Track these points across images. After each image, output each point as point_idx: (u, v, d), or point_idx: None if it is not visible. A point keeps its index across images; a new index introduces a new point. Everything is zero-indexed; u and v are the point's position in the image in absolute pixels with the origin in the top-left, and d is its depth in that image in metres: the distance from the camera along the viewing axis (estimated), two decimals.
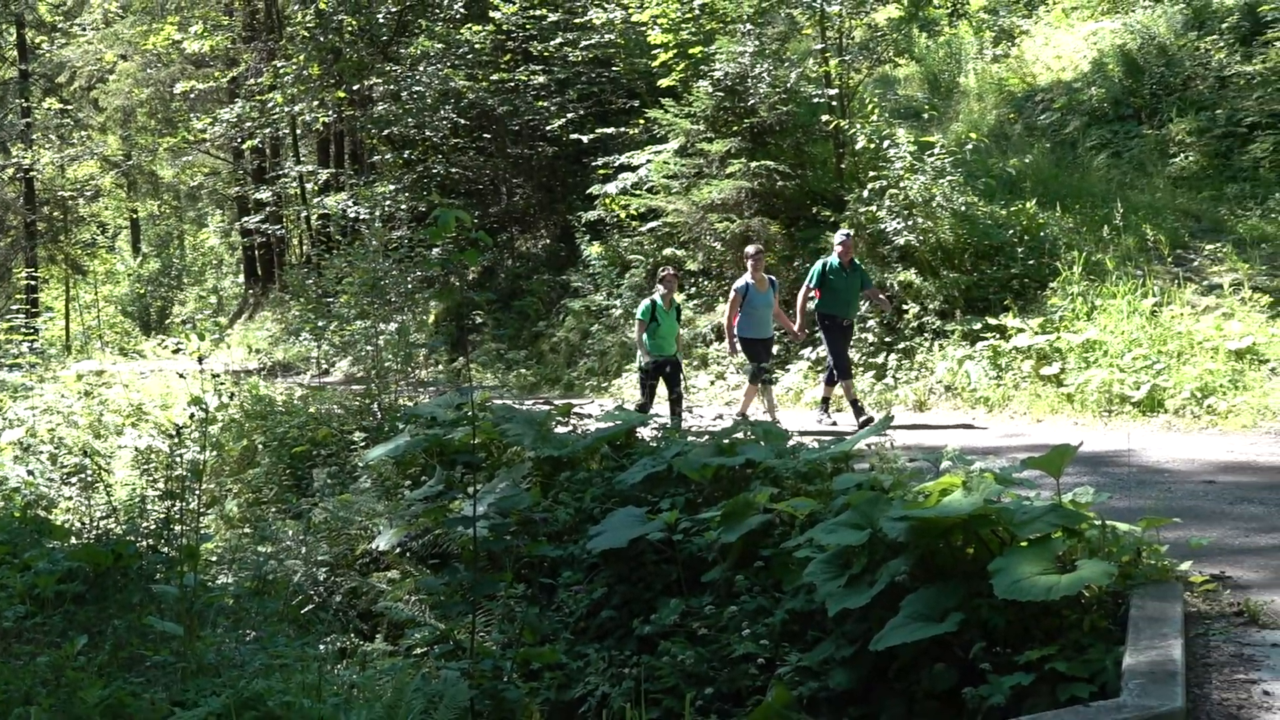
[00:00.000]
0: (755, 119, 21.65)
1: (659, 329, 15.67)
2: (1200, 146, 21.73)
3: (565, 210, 27.21)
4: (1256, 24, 22.73)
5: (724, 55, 21.73)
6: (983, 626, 6.81)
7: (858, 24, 22.71)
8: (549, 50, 26.69)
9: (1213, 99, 22.57)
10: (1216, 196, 20.39)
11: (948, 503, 7.44)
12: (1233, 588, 7.87)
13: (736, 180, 20.87)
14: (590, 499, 11.03)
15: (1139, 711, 5.64)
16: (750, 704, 7.68)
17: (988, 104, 26.83)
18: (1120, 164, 22.41)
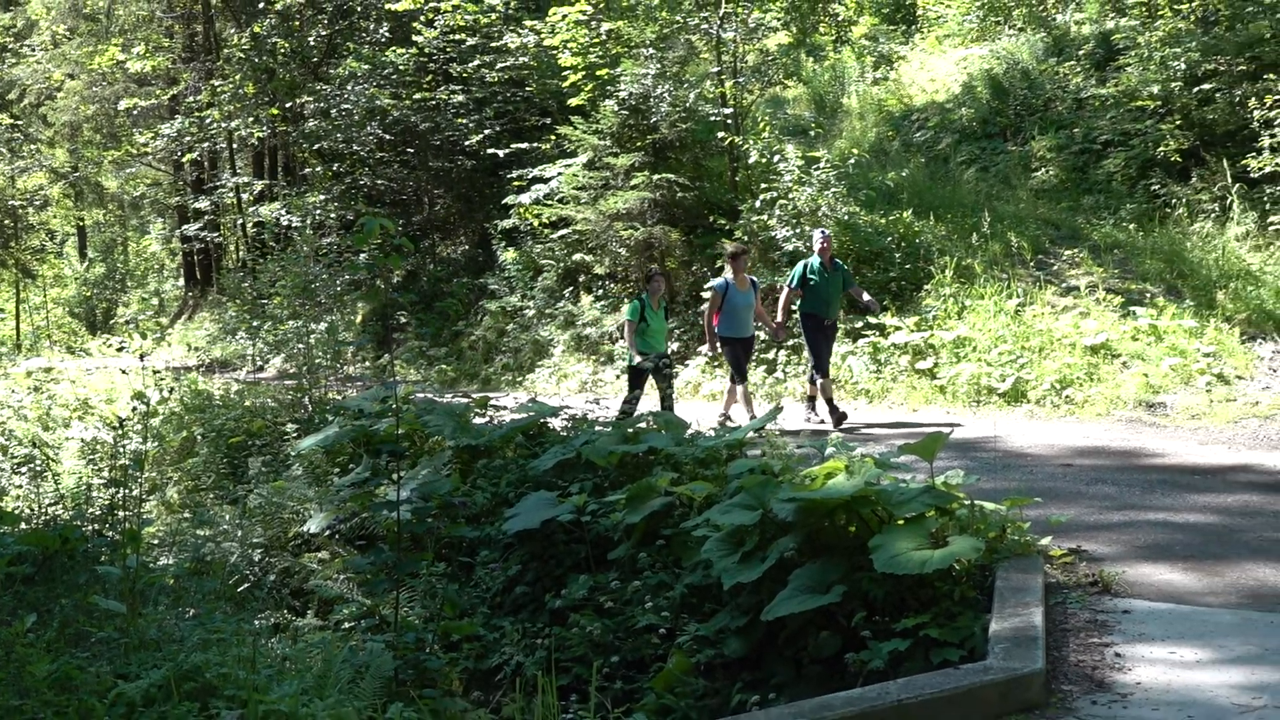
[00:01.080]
0: (657, 135, 21.68)
1: (648, 328, 14.64)
2: (1059, 162, 22.00)
3: (483, 219, 27.09)
4: (1110, 51, 23.05)
5: (628, 77, 21.73)
6: (864, 597, 6.84)
7: (750, 49, 22.77)
8: (467, 72, 26.57)
9: (1070, 119, 22.86)
10: (1074, 207, 20.65)
11: (832, 485, 7.48)
12: (1088, 560, 7.98)
13: (640, 191, 20.87)
14: (506, 484, 11.01)
15: (1003, 673, 5.70)
16: (653, 670, 7.68)
17: (868, 123, 27.00)
18: (988, 177, 22.65)
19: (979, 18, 29.05)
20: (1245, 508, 9.50)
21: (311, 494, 11.78)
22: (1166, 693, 5.72)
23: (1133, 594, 7.24)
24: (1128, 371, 15.11)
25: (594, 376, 20.86)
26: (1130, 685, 5.84)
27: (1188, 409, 14.15)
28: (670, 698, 7.17)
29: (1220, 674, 5.91)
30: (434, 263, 29.21)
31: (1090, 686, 5.85)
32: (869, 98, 28.07)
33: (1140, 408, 14.39)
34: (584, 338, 21.73)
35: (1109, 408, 14.52)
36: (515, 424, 12.30)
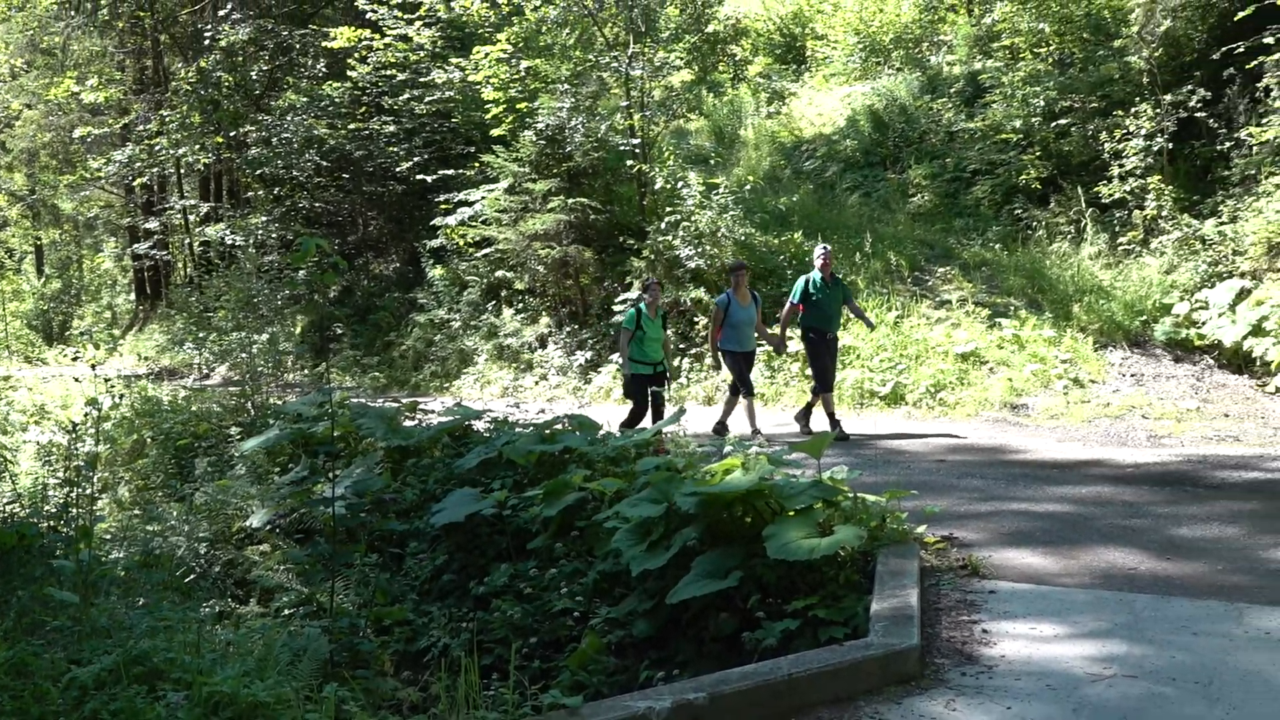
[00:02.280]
0: (572, 163, 21.65)
1: (645, 337, 13.38)
2: (933, 189, 22.25)
3: (413, 238, 26.92)
4: (977, 89, 23.36)
5: (546, 110, 21.70)
6: (758, 582, 6.88)
7: (656, 86, 22.84)
8: (398, 104, 26.38)
9: (943, 150, 23.15)
10: (946, 229, 20.89)
11: (730, 481, 7.52)
12: (959, 546, 8.08)
13: (556, 214, 20.83)
14: (433, 481, 10.94)
15: (883, 648, 5.76)
16: (568, 650, 7.67)
17: (763, 152, 27.13)
18: (869, 202, 22.85)
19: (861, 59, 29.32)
20: (1097, 498, 9.67)
21: (254, 491, 11.62)
22: (1028, 664, 5.81)
23: (998, 576, 7.34)
24: (994, 376, 15.33)
25: (514, 383, 20.79)
26: (996, 658, 5.92)
27: (1047, 410, 14.38)
28: (584, 675, 7.16)
29: (1075, 647, 6.02)
30: (368, 279, 28.99)
31: (960, 659, 5.93)
32: (763, 130, 28.23)
33: (1005, 409, 14.59)
34: (505, 347, 21.67)
35: (978, 409, 14.72)
36: (442, 426, 12.22)
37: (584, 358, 20.19)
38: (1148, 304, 16.49)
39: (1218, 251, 16.46)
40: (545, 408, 15.17)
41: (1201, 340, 15.68)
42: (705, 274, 19.11)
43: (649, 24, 23.92)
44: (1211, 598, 6.74)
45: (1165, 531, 8.38)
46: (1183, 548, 7.91)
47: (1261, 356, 14.63)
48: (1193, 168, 18.61)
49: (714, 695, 5.34)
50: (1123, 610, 6.56)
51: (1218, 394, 14.50)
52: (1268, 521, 8.58)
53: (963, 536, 8.37)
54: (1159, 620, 6.37)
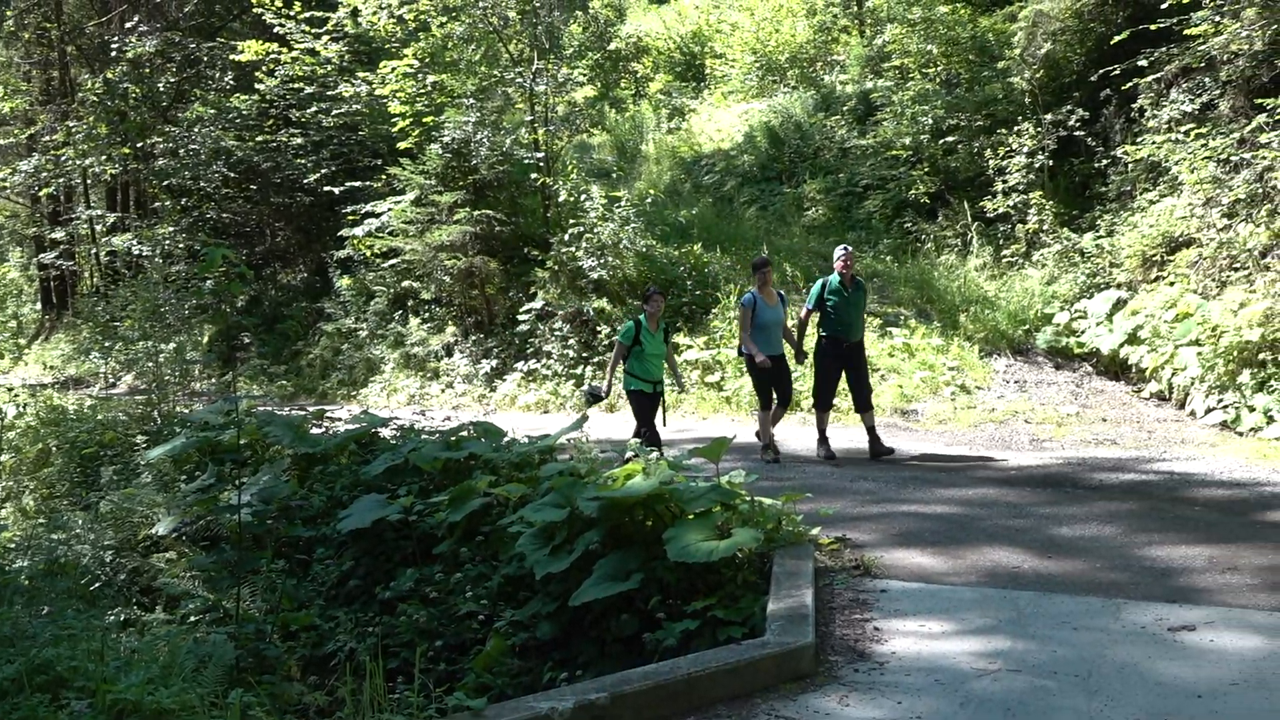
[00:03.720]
0: (477, 176, 21.54)
1: (643, 352, 11.84)
2: (827, 202, 22.48)
3: (320, 249, 26.64)
4: (869, 107, 23.65)
5: (452, 124, 21.58)
6: (659, 584, 6.88)
7: (560, 101, 22.84)
8: (306, 117, 26.07)
9: (836, 165, 23.41)
10: (840, 241, 21.06)
11: (631, 485, 7.51)
12: (852, 547, 8.15)
13: (462, 225, 20.71)
14: (340, 488, 10.80)
15: (779, 647, 5.78)
16: (473, 653, 7.61)
17: (664, 166, 27.24)
18: (766, 215, 23.02)
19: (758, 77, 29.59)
20: (983, 499, 9.81)
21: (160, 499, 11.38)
22: (917, 660, 5.87)
23: (889, 575, 7.41)
24: (885, 383, 15.49)
25: (421, 391, 20.63)
26: (887, 654, 5.97)
27: (936, 415, 14.57)
28: (489, 676, 7.11)
29: (962, 643, 6.09)
30: (275, 289, 28.60)
31: (853, 656, 5.97)
32: (664, 145, 28.35)
33: (896, 414, 14.76)
34: (412, 356, 21.51)
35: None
36: (349, 433, 12.08)
37: (489, 366, 20.09)
38: (1030, 314, 16.79)
39: (1095, 264, 16.81)
40: (451, 415, 15.05)
41: (1081, 348, 15.99)
42: (608, 284, 19.11)
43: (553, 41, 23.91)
44: (1091, 594, 6.86)
45: (1047, 531, 8.53)
46: (1064, 546, 8.05)
47: (1136, 364, 14.95)
48: (1072, 184, 19.00)
49: (615, 695, 5.32)
50: (1007, 607, 6.66)
51: (1096, 399, 14.79)
52: (1142, 521, 8.77)
53: (856, 537, 8.44)
54: (1041, 616, 6.47)
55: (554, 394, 18.41)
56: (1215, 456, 11.50)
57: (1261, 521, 8.66)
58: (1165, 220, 15.91)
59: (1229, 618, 6.34)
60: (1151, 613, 6.46)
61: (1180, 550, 7.82)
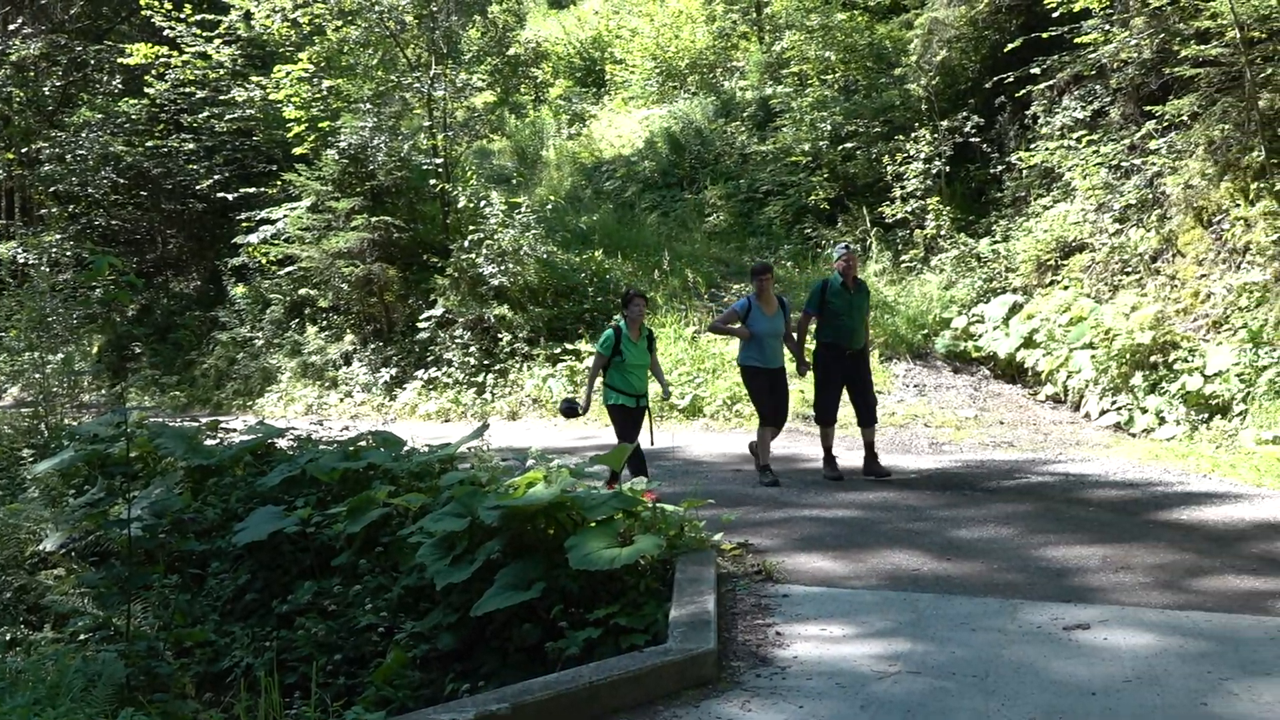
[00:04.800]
0: (375, 182, 21.38)
1: (624, 362, 10.51)
2: (728, 208, 22.65)
3: (214, 256, 26.24)
4: (769, 114, 23.86)
5: (348, 129, 21.39)
6: (561, 592, 6.87)
7: (459, 107, 22.73)
8: (198, 122, 25.67)
9: (737, 171, 23.61)
10: (740, 247, 21.28)
11: (532, 493, 7.49)
12: (754, 552, 8.20)
13: (360, 232, 20.54)
14: (235, 500, 10.62)
15: (681, 653, 5.80)
16: (373, 666, 7.53)
17: (565, 172, 27.25)
18: (668, 221, 23.13)
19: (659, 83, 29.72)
20: (884, 503, 9.93)
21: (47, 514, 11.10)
22: (819, 664, 5.92)
23: (791, 580, 7.47)
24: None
25: (319, 400, 20.40)
26: (789, 659, 6.02)
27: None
28: (389, 690, 7.04)
29: (863, 646, 6.16)
30: (167, 297, 28.12)
31: (755, 662, 6.01)
32: (565, 151, 28.36)
33: (798, 419, 14.88)
34: (310, 365, 21.27)
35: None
36: (244, 444, 11.89)
37: (389, 374, 19.93)
38: (929, 318, 17.05)
39: (992, 269, 17.13)
40: (350, 425, 14.89)
41: (978, 352, 16.27)
42: (509, 291, 19.05)
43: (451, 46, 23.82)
44: (988, 595, 6.98)
45: (946, 534, 8.66)
46: (962, 548, 8.18)
47: (1032, 367, 15.24)
48: (968, 190, 19.36)
49: (517, 705, 5.30)
50: (907, 609, 6.75)
51: (993, 403, 15.05)
52: (1038, 522, 8.95)
53: (758, 543, 8.50)
54: (940, 618, 6.57)
55: (455, 402, 18.31)
56: (1109, 457, 11.77)
57: (1153, 521, 8.88)
58: (1059, 225, 16.27)
59: (1122, 616, 6.49)
60: (1047, 612, 6.59)
61: (1075, 550, 7.99)
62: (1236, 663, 5.72)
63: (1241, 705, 5.21)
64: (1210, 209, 14.13)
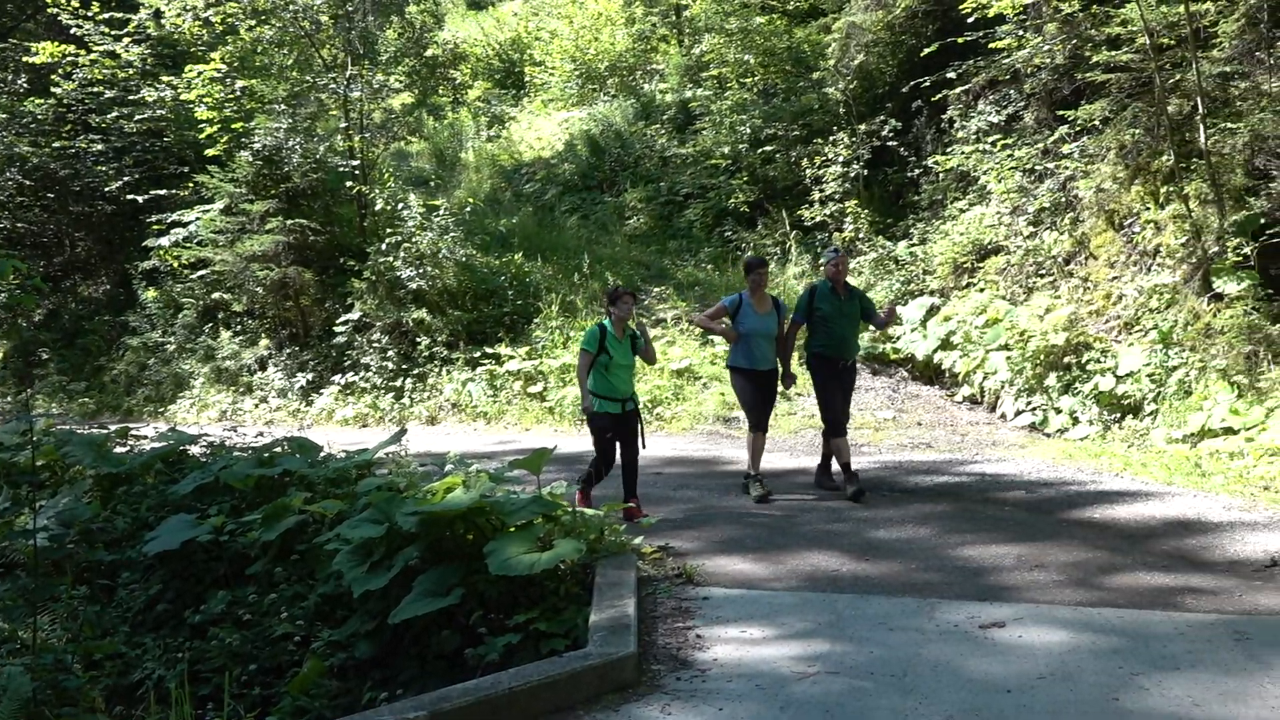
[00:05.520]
0: (290, 184, 21.14)
1: (611, 363, 9.78)
2: (648, 211, 22.70)
3: (124, 260, 25.77)
4: (689, 117, 23.95)
5: (262, 130, 21.16)
6: (481, 598, 6.85)
7: (376, 108, 22.59)
8: (106, 122, 25.21)
9: (657, 174, 23.66)
10: (661, 250, 21.33)
11: (451, 499, 7.46)
12: (675, 555, 8.24)
13: (274, 235, 20.31)
14: (146, 509, 10.47)
15: (601, 658, 5.81)
16: (289, 675, 7.46)
17: (484, 175, 27.15)
18: (588, 224, 23.13)
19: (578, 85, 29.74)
20: (803, 505, 10.02)
21: None
22: (739, 666, 5.96)
23: (712, 583, 7.51)
24: (707, 391, 15.69)
25: (233, 406, 20.15)
26: (709, 662, 6.05)
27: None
28: (305, 699, 6.98)
29: (783, 648, 6.21)
30: (75, 301, 27.57)
31: (676, 665, 6.03)
32: (484, 153, 28.27)
33: (718, 422, 14.95)
34: (223, 370, 20.99)
35: (693, 423, 15.04)
36: (155, 452, 11.72)
37: (305, 379, 19.73)
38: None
39: (909, 271, 17.32)
40: (265, 431, 14.73)
41: (897, 354, 16.44)
42: (428, 294, 18.94)
43: (367, 46, 23.59)
44: (906, 595, 7.07)
45: (865, 534, 8.75)
46: (880, 549, 8.28)
47: (950, 369, 15.43)
48: (886, 193, 19.57)
49: (435, 713, 5.28)
50: (826, 610, 6.81)
51: (911, 404, 15.22)
52: (955, 522, 9.07)
53: (678, 546, 8.53)
54: (859, 619, 6.64)
55: (373, 407, 18.18)
56: (1024, 457, 11.96)
57: (1067, 519, 9.04)
58: (975, 228, 16.49)
59: (1036, 614, 6.61)
60: (964, 611, 6.68)
61: (991, 549, 8.12)
62: (1147, 658, 5.85)
63: (1152, 700, 5.32)
64: (1121, 212, 14.40)
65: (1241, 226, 12.18)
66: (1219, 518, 8.82)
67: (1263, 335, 11.39)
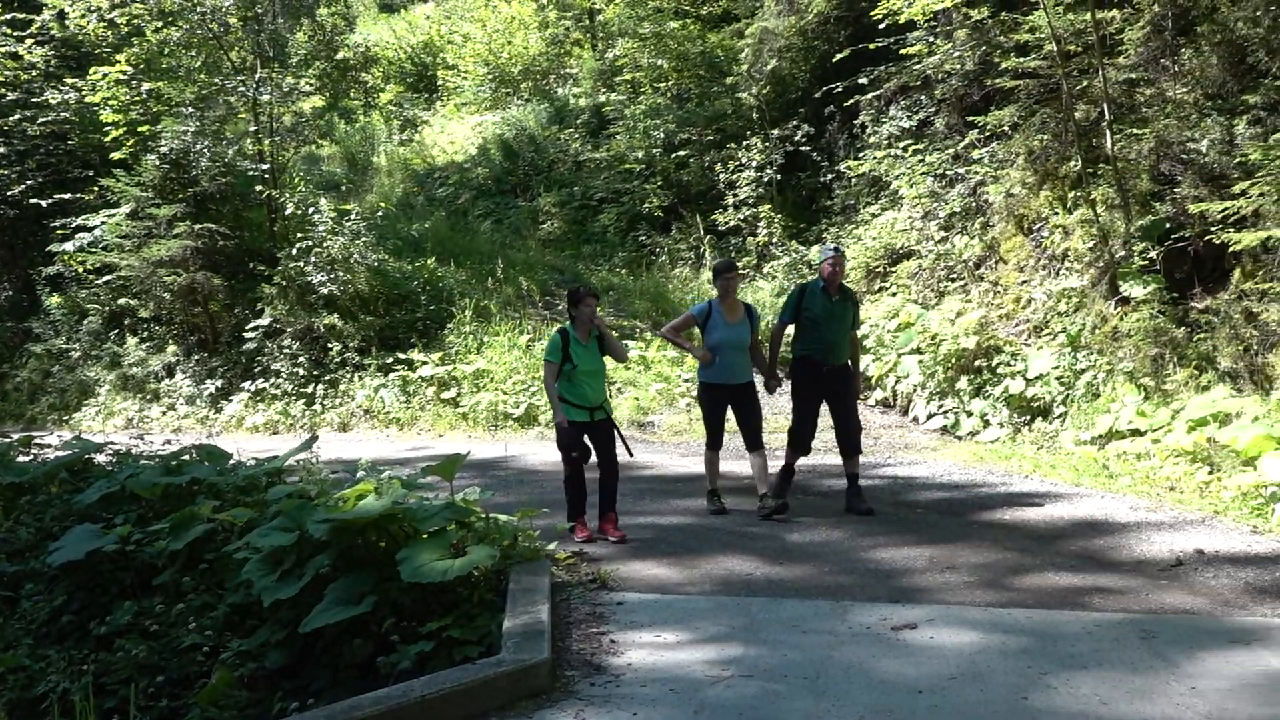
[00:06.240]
0: (198, 188, 20.85)
1: (576, 371, 9.04)
2: (562, 215, 22.72)
3: (27, 265, 25.24)
4: (602, 121, 24.01)
5: (169, 133, 20.86)
6: (393, 606, 6.80)
7: (286, 111, 22.35)
8: (8, 124, 24.70)
9: (571, 178, 23.69)
10: (575, 254, 21.36)
11: (363, 506, 7.41)
12: (589, 561, 8.24)
13: (182, 240, 20.02)
14: (50, 518, 10.26)
15: (514, 664, 5.80)
16: (198, 687, 7.35)
17: (396, 179, 27.01)
18: (501, 229, 23.10)
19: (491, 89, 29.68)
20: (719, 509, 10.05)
21: None
22: (653, 671, 5.97)
23: (626, 588, 7.52)
24: (623, 395, 15.71)
25: (140, 414, 19.82)
26: (623, 667, 6.05)
27: (671, 426, 14.86)
28: (214, 711, 6.88)
29: (697, 652, 6.23)
30: None
31: (590, 670, 6.03)
32: (396, 157, 28.12)
33: (633, 426, 14.97)
34: (130, 377, 20.64)
35: None
36: (60, 460, 11.51)
37: (214, 386, 19.46)
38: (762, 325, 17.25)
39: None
40: (172, 439, 14.50)
41: None
42: (339, 300, 18.77)
43: (277, 49, 23.36)
44: (820, 598, 7.13)
45: (779, 538, 8.81)
46: (794, 552, 8.34)
47: (862, 373, 15.55)
48: (799, 197, 19.75)
49: None
50: (740, 614, 6.85)
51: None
52: (867, 525, 9.17)
53: (593, 551, 8.53)
54: (773, 622, 6.68)
55: (284, 414, 17.97)
56: (936, 460, 12.12)
57: (977, 521, 9.17)
58: (887, 233, 16.69)
59: (948, 615, 6.69)
60: (876, 613, 6.75)
61: (904, 551, 8.21)
62: (1056, 657, 5.94)
63: (1060, 698, 5.41)
64: (1030, 217, 14.65)
65: (1147, 231, 12.44)
66: (1126, 518, 9.00)
67: (1168, 338, 11.65)
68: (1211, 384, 11.04)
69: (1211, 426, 10.16)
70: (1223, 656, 5.90)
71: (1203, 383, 11.14)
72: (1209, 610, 6.68)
